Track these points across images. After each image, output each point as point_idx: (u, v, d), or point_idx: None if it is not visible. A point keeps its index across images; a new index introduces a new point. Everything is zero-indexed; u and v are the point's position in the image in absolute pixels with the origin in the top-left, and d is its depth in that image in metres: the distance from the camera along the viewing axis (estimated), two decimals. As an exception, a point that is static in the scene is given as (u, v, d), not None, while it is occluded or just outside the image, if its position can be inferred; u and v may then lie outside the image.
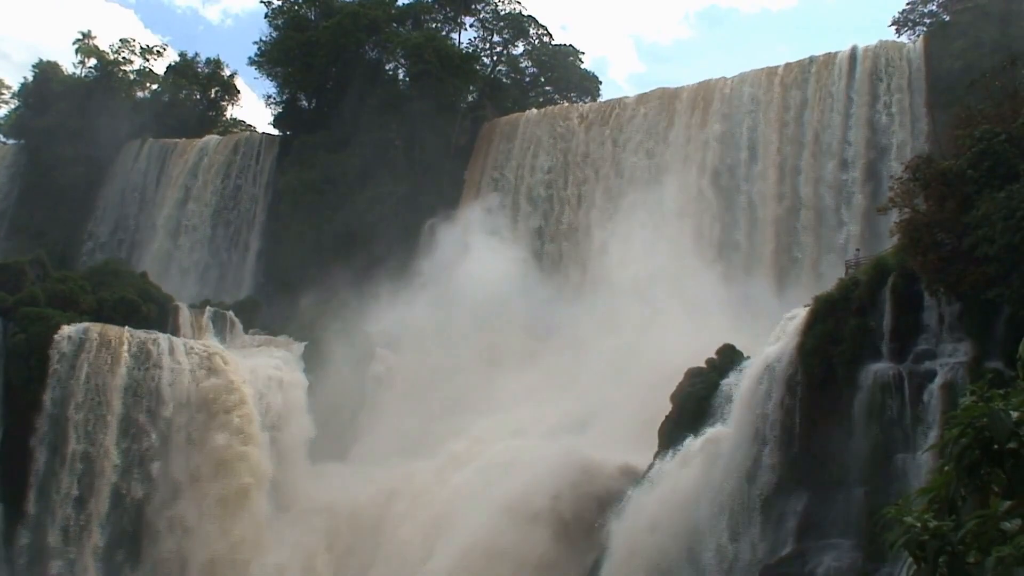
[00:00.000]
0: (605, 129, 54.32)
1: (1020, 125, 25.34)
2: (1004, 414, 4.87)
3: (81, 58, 72.66)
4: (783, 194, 47.08)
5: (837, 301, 28.52)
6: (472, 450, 40.27)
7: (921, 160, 27.68)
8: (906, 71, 45.78)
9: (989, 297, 24.09)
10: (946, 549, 4.80)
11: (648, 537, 30.07)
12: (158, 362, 40.98)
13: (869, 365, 26.74)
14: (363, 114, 60.04)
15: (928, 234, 25.30)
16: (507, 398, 42.58)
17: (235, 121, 77.55)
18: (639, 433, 33.89)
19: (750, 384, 29.72)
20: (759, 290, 42.96)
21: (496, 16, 67.29)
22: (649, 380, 35.44)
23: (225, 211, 62.37)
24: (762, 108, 49.04)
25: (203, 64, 75.56)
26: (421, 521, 38.05)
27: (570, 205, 53.66)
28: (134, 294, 46.62)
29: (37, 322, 41.25)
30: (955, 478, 4.98)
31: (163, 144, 67.01)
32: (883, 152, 44.80)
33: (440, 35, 64.38)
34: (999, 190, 24.19)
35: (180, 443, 40.22)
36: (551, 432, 38.50)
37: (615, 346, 41.18)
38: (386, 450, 43.38)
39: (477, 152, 58.91)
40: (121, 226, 64.80)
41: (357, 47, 61.90)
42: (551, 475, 34.56)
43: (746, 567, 27.89)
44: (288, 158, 61.20)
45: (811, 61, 49.01)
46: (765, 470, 28.35)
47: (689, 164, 50.14)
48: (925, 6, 52.94)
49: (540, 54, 69.57)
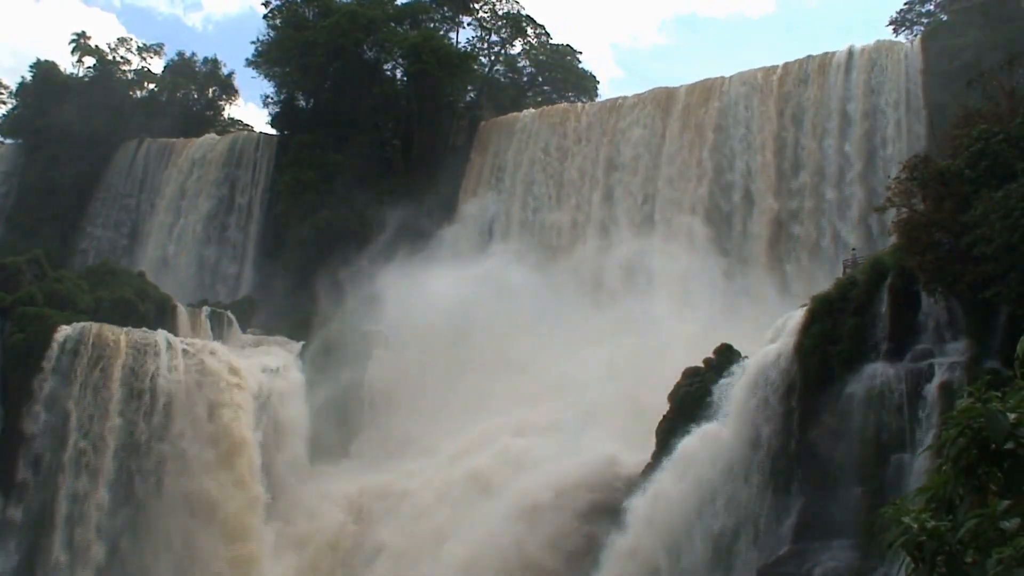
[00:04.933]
0: (603, 128, 54.33)
1: (1018, 125, 25.35)
2: (1001, 415, 4.89)
3: (79, 57, 72.69)
4: (780, 193, 47.14)
5: (834, 301, 28.53)
6: (472, 450, 40.28)
7: (919, 160, 27.68)
8: (903, 71, 45.82)
9: (987, 296, 24.09)
10: (944, 549, 4.81)
11: (645, 537, 30.10)
12: (156, 362, 40.93)
13: (867, 365, 26.74)
14: (361, 113, 60.06)
15: (926, 234, 25.30)
16: (506, 398, 42.57)
17: (233, 121, 77.58)
18: (637, 433, 33.90)
19: (747, 384, 29.72)
20: (756, 289, 43.02)
21: (494, 16, 67.31)
22: (647, 379, 35.45)
23: (223, 210, 62.34)
24: (759, 107, 49.08)
25: (201, 63, 75.59)
26: (421, 521, 38.04)
27: (568, 204, 53.67)
28: (132, 294, 46.60)
29: (35, 322, 41.21)
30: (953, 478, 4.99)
31: (161, 143, 66.97)
32: (881, 151, 44.85)
33: (438, 35, 64.38)
34: (997, 190, 24.20)
35: (178, 443, 40.16)
36: (550, 432, 38.50)
37: (614, 345, 41.20)
38: (385, 450, 43.40)
39: (475, 151, 58.91)
40: (118, 225, 64.75)
41: (355, 47, 61.88)
42: (551, 475, 34.59)
43: (744, 567, 27.90)
44: (286, 157, 61.16)
45: (808, 60, 49.06)
46: (762, 470, 28.37)
47: (686, 163, 50.18)
48: (923, 6, 53.12)
49: (538, 54, 69.61)
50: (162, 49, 75.72)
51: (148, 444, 39.77)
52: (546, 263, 50.05)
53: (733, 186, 48.63)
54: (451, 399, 43.45)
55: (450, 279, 46.76)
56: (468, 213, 55.67)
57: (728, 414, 30.12)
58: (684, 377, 33.01)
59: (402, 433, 43.97)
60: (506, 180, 56.19)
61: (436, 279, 47.73)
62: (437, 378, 45.05)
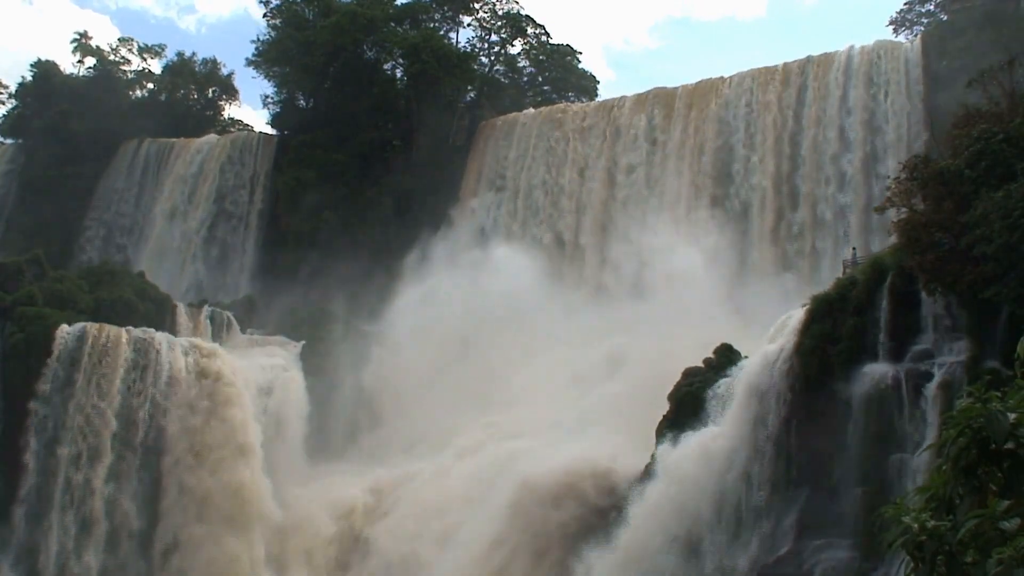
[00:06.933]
0: (602, 128, 54.32)
1: (1018, 125, 25.35)
2: (1001, 415, 4.89)
3: (80, 57, 72.71)
4: (780, 192, 47.17)
5: (834, 301, 28.54)
6: (471, 450, 40.28)
7: (919, 160, 27.70)
8: (903, 71, 45.83)
9: (987, 296, 24.09)
10: (944, 549, 4.81)
11: (645, 536, 30.09)
12: (156, 362, 40.93)
13: (867, 365, 26.75)
14: (361, 113, 60.07)
15: (926, 233, 25.30)
16: (506, 398, 42.59)
17: (233, 120, 77.55)
18: (636, 432, 33.89)
19: (747, 384, 29.72)
20: (756, 289, 42.99)
21: (494, 15, 67.29)
22: (647, 379, 35.44)
23: (223, 210, 62.32)
24: (760, 107, 49.08)
25: (200, 64, 75.57)
26: (421, 521, 38.04)
27: (568, 204, 53.66)
28: (131, 293, 46.58)
29: (35, 322, 41.20)
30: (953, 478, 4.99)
31: (161, 143, 66.94)
32: (880, 151, 44.85)
33: (438, 34, 64.40)
34: (997, 189, 24.19)
35: (178, 442, 40.17)
36: (550, 431, 38.50)
37: (613, 345, 41.22)
38: (384, 450, 43.42)
39: (475, 151, 58.91)
40: (119, 225, 64.75)
41: (355, 46, 61.91)
42: (551, 475, 34.56)
43: (744, 567, 27.89)
44: (286, 157, 61.21)
45: (808, 61, 49.07)
46: (762, 470, 28.37)
47: (686, 163, 50.19)
48: (923, 6, 53.06)
49: (538, 53, 69.56)
50: (163, 50, 75.84)
51: (148, 443, 39.78)
52: (546, 263, 50.04)
53: (733, 186, 48.64)
54: (451, 399, 43.44)
55: (450, 279, 46.78)
56: (468, 212, 55.67)
57: (728, 414, 30.11)
58: (684, 377, 33.00)
59: (402, 433, 44.00)
60: (506, 180, 56.18)
61: (436, 279, 47.76)
62: (437, 378, 45.05)
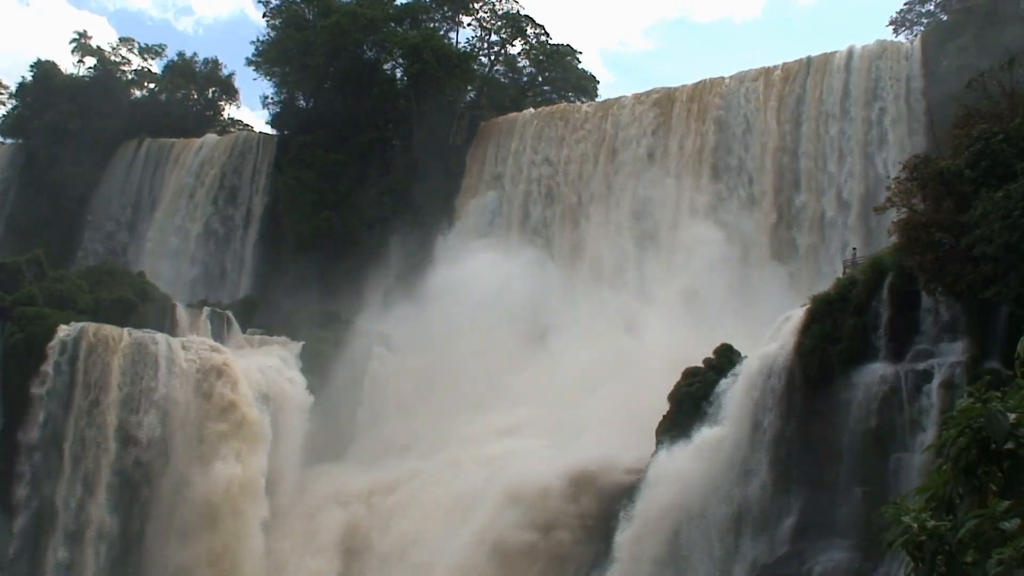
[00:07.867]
0: (602, 128, 54.30)
1: (1017, 125, 25.35)
2: (1001, 415, 4.89)
3: (80, 57, 72.65)
4: (780, 193, 47.14)
5: (834, 301, 28.55)
6: (470, 450, 40.28)
7: (919, 160, 27.70)
8: (903, 71, 45.82)
9: (987, 296, 24.10)
10: (944, 549, 4.81)
11: (646, 536, 30.09)
12: (155, 362, 40.91)
13: (867, 365, 26.77)
14: (360, 113, 60.02)
15: (926, 234, 25.31)
16: (506, 398, 42.60)
17: (233, 121, 77.50)
18: (636, 432, 33.90)
19: (747, 384, 29.72)
20: (756, 288, 43.00)
21: (494, 15, 67.27)
22: (647, 379, 35.45)
23: (222, 211, 62.28)
24: (759, 107, 49.06)
25: (200, 64, 75.53)
26: (420, 522, 38.04)
27: (568, 204, 53.65)
28: (131, 294, 46.58)
29: (35, 322, 41.20)
30: (953, 478, 4.99)
31: (161, 143, 66.90)
32: (881, 152, 44.83)
33: (438, 34, 64.34)
34: (996, 189, 24.21)
35: (178, 442, 40.16)
36: (549, 432, 38.51)
37: (613, 345, 41.21)
38: (384, 450, 43.40)
39: (475, 151, 58.88)
40: (118, 225, 64.71)
41: (355, 46, 61.86)
42: (551, 475, 34.57)
43: (744, 567, 27.90)
44: (286, 158, 61.18)
45: (808, 61, 49.06)
46: (762, 470, 28.37)
47: (686, 163, 50.16)
48: (923, 6, 53.09)
49: (538, 54, 69.53)
50: (163, 50, 75.77)
51: (147, 443, 39.76)
52: (546, 262, 50.05)
53: (733, 185, 48.61)
54: (451, 399, 43.45)
55: (450, 279, 46.77)
56: (468, 212, 55.65)
57: (728, 414, 30.11)
58: (684, 377, 33.00)
59: (402, 433, 43.97)
60: (506, 180, 56.17)
61: (436, 278, 47.77)
62: (437, 378, 45.07)
